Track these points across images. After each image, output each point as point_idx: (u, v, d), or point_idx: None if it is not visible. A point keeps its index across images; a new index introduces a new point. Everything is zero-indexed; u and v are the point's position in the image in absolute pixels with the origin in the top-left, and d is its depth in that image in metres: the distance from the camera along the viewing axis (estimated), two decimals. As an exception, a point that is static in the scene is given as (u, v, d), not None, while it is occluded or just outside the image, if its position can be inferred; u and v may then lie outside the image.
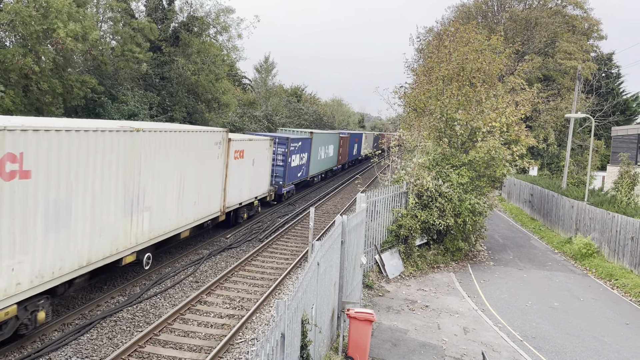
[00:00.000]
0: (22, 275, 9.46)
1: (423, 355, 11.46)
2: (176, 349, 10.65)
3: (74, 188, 10.73)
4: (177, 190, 15.41)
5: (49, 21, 21.99)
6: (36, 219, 9.73)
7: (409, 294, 15.70)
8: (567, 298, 16.88)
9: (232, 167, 19.80)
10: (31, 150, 9.44)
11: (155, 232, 14.28)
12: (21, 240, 9.39)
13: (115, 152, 12.07)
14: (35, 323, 10.19)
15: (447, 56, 21.37)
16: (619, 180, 25.65)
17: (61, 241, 10.45)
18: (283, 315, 6.15)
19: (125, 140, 12.48)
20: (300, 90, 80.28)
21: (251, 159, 22.17)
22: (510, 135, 21.06)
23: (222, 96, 38.34)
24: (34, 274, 9.76)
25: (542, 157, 47.37)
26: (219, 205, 18.88)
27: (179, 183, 15.48)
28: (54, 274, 10.28)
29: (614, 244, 20.64)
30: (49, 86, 22.73)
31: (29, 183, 9.49)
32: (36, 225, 9.73)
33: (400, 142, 23.00)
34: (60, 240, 10.42)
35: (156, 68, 33.99)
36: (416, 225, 18.10)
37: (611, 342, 13.31)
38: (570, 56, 47.15)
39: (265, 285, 15.18)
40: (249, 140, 22.16)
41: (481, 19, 52.22)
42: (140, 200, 13.31)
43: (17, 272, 9.33)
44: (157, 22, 34.60)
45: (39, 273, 9.89)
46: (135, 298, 13.13)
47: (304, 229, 23.03)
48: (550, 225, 28.43)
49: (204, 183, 17.34)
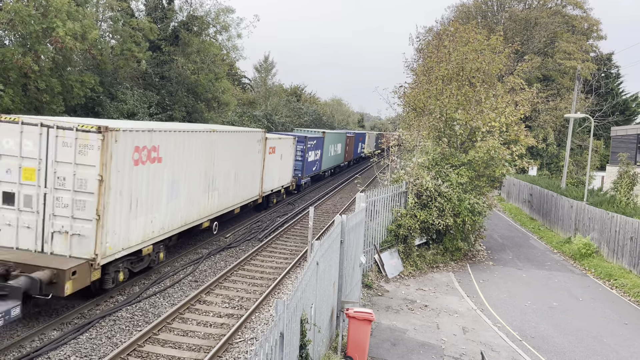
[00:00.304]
0: (155, 227, 14.11)
1: (422, 354, 11.47)
2: (175, 348, 10.65)
3: (180, 172, 15.41)
4: (233, 177, 20.09)
5: (49, 20, 21.95)
6: (162, 190, 14.37)
7: (408, 294, 15.71)
8: (566, 298, 16.89)
9: (267, 161, 24.47)
10: (162, 144, 14.07)
11: (220, 207, 19.06)
12: (155, 203, 13.99)
13: (200, 147, 16.72)
14: (158, 260, 14.99)
15: (447, 56, 21.37)
16: (618, 180, 25.65)
17: (174, 208, 15.13)
18: (282, 314, 6.15)
19: (205, 139, 17.06)
20: (299, 89, 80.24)
21: (280, 154, 26.86)
22: (510, 135, 21.07)
23: (221, 95, 38.34)
24: (160, 227, 14.41)
25: (541, 157, 47.39)
26: (258, 190, 23.65)
27: (234, 171, 20.19)
28: (168, 228, 14.99)
29: (613, 244, 20.66)
30: (47, 85, 22.70)
31: (160, 166, 14.14)
32: (162, 194, 14.37)
33: (400, 141, 23.00)
34: (173, 207, 15.12)
35: (156, 67, 33.98)
36: (415, 225, 18.10)
37: (610, 342, 13.32)
38: (570, 56, 47.15)
39: (264, 284, 15.18)
40: (279, 138, 26.95)
41: (481, 19, 52.23)
42: (213, 182, 18.00)
43: (152, 224, 13.95)
44: (157, 21, 34.59)
45: (162, 227, 14.55)
46: (134, 297, 13.13)
47: (303, 229, 23.03)
48: (550, 225, 28.44)
49: (249, 172, 22.02)
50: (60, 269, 10.79)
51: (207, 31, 37.20)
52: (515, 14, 49.93)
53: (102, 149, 11.54)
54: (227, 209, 19.77)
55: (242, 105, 53.97)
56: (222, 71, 37.99)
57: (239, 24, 43.27)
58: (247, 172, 21.69)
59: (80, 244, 11.64)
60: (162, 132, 14.06)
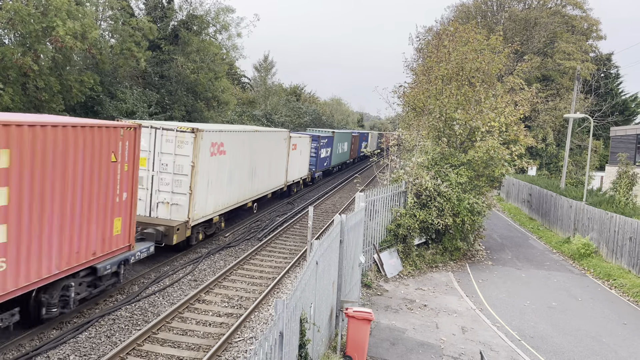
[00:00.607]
0: (219, 203, 18.78)
1: (421, 354, 11.48)
2: (175, 347, 10.65)
3: (236, 162, 20.01)
4: (267, 168, 24.43)
5: (48, 19, 21.92)
6: (224, 177, 18.85)
7: (407, 293, 15.72)
8: (565, 298, 16.91)
9: (291, 156, 28.99)
10: (226, 141, 18.57)
11: (259, 191, 23.56)
12: (220, 185, 18.67)
13: (247, 144, 21.27)
14: (221, 227, 20.03)
15: (447, 56, 21.38)
16: (618, 181, 25.67)
17: (231, 189, 19.81)
18: (281, 314, 6.16)
19: (251, 137, 21.64)
20: (299, 89, 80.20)
21: (299, 150, 31.46)
22: (509, 135, 21.09)
23: (221, 95, 38.31)
24: (222, 203, 19.15)
25: (540, 157, 47.41)
26: (283, 180, 28.09)
27: (268, 163, 24.53)
28: (227, 205, 19.74)
29: (612, 244, 20.68)
30: (46, 84, 22.68)
31: (224, 157, 18.68)
32: (223, 180, 18.89)
33: (399, 141, 23.01)
34: (231, 189, 19.81)
35: (155, 66, 33.95)
36: (415, 225, 18.11)
37: (609, 342, 13.34)
38: (569, 56, 47.16)
39: (263, 284, 15.19)
40: (299, 137, 31.79)
41: (480, 19, 52.23)
42: (254, 172, 22.51)
43: (217, 201, 18.53)
44: (157, 20, 34.56)
45: (224, 203, 19.26)
46: (133, 296, 13.13)
47: (303, 228, 23.04)
48: (549, 225, 28.47)
49: (278, 165, 26.45)
50: (170, 226, 15.63)
51: (206, 30, 37.17)
52: (515, 14, 49.93)
53: (194, 144, 16.24)
54: (263, 194, 24.54)
55: (242, 105, 53.94)
56: (222, 70, 37.96)
57: (239, 23, 43.34)
58: (277, 165, 26.31)
59: (177, 211, 16.39)
60: (226, 132, 18.79)
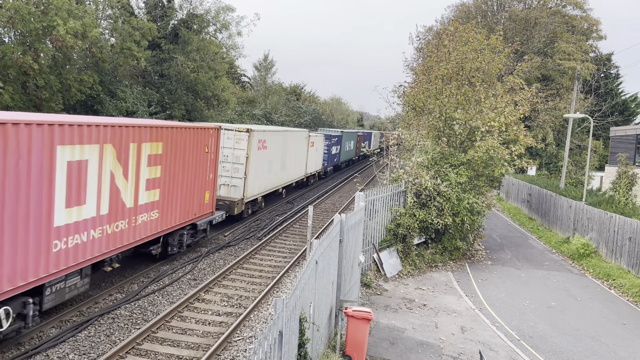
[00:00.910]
0: (261, 187, 23.85)
1: (420, 354, 11.49)
2: (174, 346, 10.65)
3: (273, 156, 25.03)
4: (293, 161, 29.76)
5: (49, 18, 21.91)
6: (265, 166, 23.91)
7: (406, 293, 15.73)
8: (565, 298, 16.92)
9: (309, 152, 34.40)
10: (267, 139, 23.67)
11: (287, 180, 29.00)
12: (262, 174, 23.58)
13: (280, 141, 26.28)
14: (262, 206, 24.97)
15: (447, 55, 21.37)
16: (617, 181, 25.68)
17: (268, 177, 24.83)
18: (281, 313, 6.16)
19: (283, 135, 26.89)
20: (299, 88, 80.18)
21: (316, 147, 36.98)
22: (509, 134, 21.08)
23: (221, 94, 38.29)
24: (263, 188, 24.21)
25: (540, 157, 47.42)
26: (304, 172, 33.37)
27: (294, 157, 29.80)
28: (266, 189, 24.81)
29: (612, 244, 20.68)
30: (46, 82, 22.66)
31: (265, 152, 23.64)
32: (265, 169, 23.89)
33: (399, 141, 23.02)
34: (268, 177, 24.83)
35: (155, 65, 33.92)
36: (414, 224, 18.11)
37: (608, 342, 13.35)
38: (569, 56, 47.15)
39: (263, 283, 15.19)
40: (316, 136, 37.28)
41: (481, 19, 52.23)
42: (285, 164, 27.77)
43: (260, 185, 23.67)
44: (157, 19, 34.53)
45: (264, 187, 24.36)
46: (133, 295, 13.13)
47: (303, 227, 23.04)
48: (548, 225, 28.47)
49: (300, 159, 31.76)
50: (233, 201, 21.06)
51: (207, 29, 37.14)
52: (515, 14, 49.93)
53: (248, 141, 21.54)
54: (290, 182, 29.91)
55: (242, 104, 53.92)
56: (222, 69, 37.93)
57: (239, 22, 43.28)
58: (300, 159, 31.66)
59: (235, 191, 21.57)
60: (267, 132, 24.14)
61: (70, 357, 9.84)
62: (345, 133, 50.23)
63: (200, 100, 36.48)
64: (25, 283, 9.51)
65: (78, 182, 10.80)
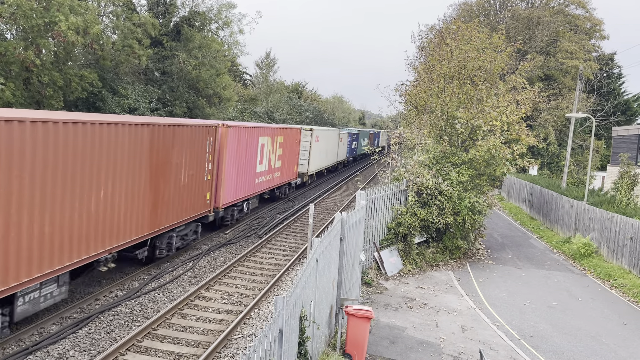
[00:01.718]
0: (315, 166, 36.49)
1: (421, 352, 11.48)
2: (174, 343, 10.66)
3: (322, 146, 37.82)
4: (331, 151, 41.91)
5: (51, 14, 21.88)
6: (317, 153, 36.66)
7: (407, 292, 15.72)
8: (566, 297, 16.90)
9: (339, 144, 45.70)
10: (319, 135, 36.46)
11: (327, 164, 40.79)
12: (316, 157, 36.23)
13: (324, 137, 38.22)
14: (314, 179, 38.62)
15: (449, 54, 21.33)
16: (619, 181, 25.65)
17: (319, 160, 37.52)
18: (281, 311, 6.15)
19: (326, 132, 39.43)
20: (301, 86, 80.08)
21: (343, 142, 48.62)
22: (511, 134, 21.04)
23: (222, 91, 38.25)
24: (316, 166, 36.93)
25: (542, 156, 47.35)
26: (335, 160, 44.81)
27: (332, 149, 42.00)
28: (318, 168, 37.58)
29: (613, 244, 20.65)
30: (50, 79, 22.65)
31: (319, 144, 36.63)
32: (317, 155, 36.52)
33: (401, 139, 22.99)
34: (319, 160, 37.51)
35: (157, 62, 33.88)
36: (415, 223, 18.10)
37: (609, 342, 13.33)
38: (572, 55, 47.06)
39: (263, 281, 15.19)
40: (343, 133, 48.78)
41: (483, 17, 52.09)
42: (327, 153, 39.88)
43: (315, 165, 36.27)
44: (159, 16, 34.48)
45: (317, 167, 37.09)
46: (133, 292, 13.14)
47: (303, 226, 23.04)
48: (550, 224, 28.44)
49: (334, 150, 43.10)
50: (303, 173, 32.79)
51: (209, 27, 37.08)
52: (517, 13, 49.82)
53: (310, 136, 32.84)
54: (329, 166, 41.48)
55: (243, 102, 53.89)
56: (224, 67, 37.88)
57: (241, 19, 43.16)
58: (334, 150, 42.94)
59: (303, 166, 32.67)
60: (320, 130, 35.99)
61: (71, 353, 9.85)
62: (361, 131, 65.28)
63: (202, 98, 36.46)
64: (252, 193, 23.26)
65: (262, 153, 23.34)
